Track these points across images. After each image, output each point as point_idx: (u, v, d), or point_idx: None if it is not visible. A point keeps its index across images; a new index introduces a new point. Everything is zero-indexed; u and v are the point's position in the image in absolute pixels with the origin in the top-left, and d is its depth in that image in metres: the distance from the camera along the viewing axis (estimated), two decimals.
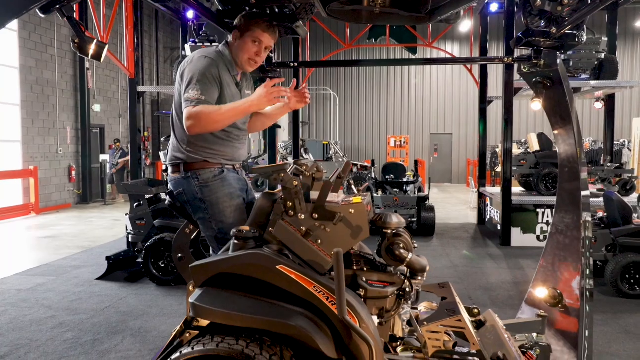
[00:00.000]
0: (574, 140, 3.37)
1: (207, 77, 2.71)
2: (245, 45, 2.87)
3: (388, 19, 3.30)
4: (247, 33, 2.86)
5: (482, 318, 2.84)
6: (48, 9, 2.03)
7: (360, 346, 2.14)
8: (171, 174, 2.92)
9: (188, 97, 2.65)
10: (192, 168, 2.82)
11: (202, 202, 2.80)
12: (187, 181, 2.83)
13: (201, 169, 2.81)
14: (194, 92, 2.65)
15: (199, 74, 2.70)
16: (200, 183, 2.80)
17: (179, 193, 2.89)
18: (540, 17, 2.87)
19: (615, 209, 6.04)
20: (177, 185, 2.89)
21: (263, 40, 2.87)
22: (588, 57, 9.43)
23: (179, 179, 2.87)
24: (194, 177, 2.81)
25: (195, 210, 2.86)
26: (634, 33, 21.93)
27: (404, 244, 2.47)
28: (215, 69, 2.76)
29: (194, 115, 2.62)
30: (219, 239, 2.79)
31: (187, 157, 2.83)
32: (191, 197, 2.84)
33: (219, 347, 2.06)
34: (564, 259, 3.55)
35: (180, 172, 2.85)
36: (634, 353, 4.25)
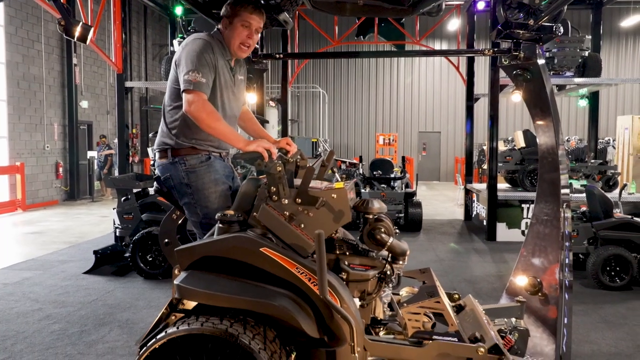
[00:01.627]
0: (554, 131, 3.45)
1: (205, 59, 2.75)
2: (236, 30, 2.90)
3: (371, 12, 3.36)
4: (235, 18, 2.89)
5: (462, 302, 2.91)
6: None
7: (341, 325, 2.20)
8: (158, 160, 2.96)
9: (188, 79, 2.68)
10: (179, 154, 2.86)
11: (188, 187, 2.85)
12: (174, 166, 2.87)
13: (188, 155, 2.85)
14: (193, 74, 2.68)
15: (196, 56, 2.73)
16: (187, 168, 2.84)
17: (165, 178, 2.92)
18: (518, 9, 2.94)
19: (597, 203, 6.16)
20: (164, 170, 2.93)
21: (252, 23, 2.91)
22: (572, 55, 9.57)
23: (166, 164, 2.91)
24: (181, 162, 2.85)
25: (181, 196, 2.90)
26: (619, 32, 22.21)
27: (385, 229, 2.54)
28: (211, 52, 2.80)
29: (194, 102, 2.67)
30: (204, 224, 2.83)
31: (175, 143, 2.87)
32: (177, 182, 2.87)
33: (203, 326, 2.11)
34: (544, 249, 3.63)
35: (168, 158, 2.89)
36: (612, 342, 4.35)
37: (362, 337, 2.26)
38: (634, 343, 4.31)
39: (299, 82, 23.35)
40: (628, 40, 22.57)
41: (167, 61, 10.04)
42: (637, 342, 4.34)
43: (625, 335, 4.48)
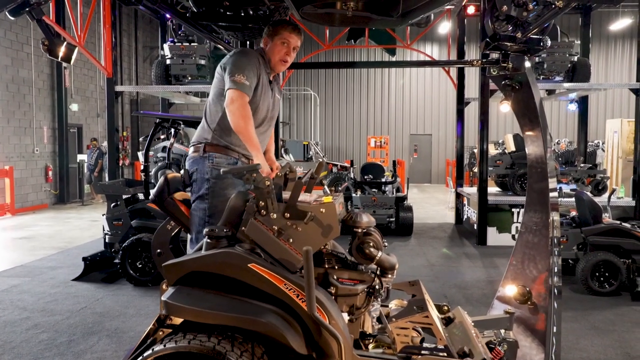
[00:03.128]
0: (542, 141, 3.46)
1: (251, 66, 3.02)
2: (276, 48, 3.17)
3: (360, 22, 3.36)
4: (275, 37, 3.17)
5: (451, 315, 2.91)
6: (17, 12, 2.05)
7: (329, 342, 2.19)
8: (191, 154, 3.15)
9: (233, 80, 2.92)
10: (211, 150, 3.07)
11: (207, 182, 3.01)
12: (202, 160, 3.06)
13: (218, 153, 3.06)
14: (239, 76, 2.93)
15: (244, 62, 3.01)
16: (213, 165, 3.02)
17: (192, 172, 3.09)
18: (507, 22, 2.96)
19: (586, 209, 6.19)
20: (193, 164, 3.11)
21: (291, 41, 3.18)
22: (561, 60, 9.63)
23: (196, 158, 3.10)
24: (210, 158, 3.04)
25: (198, 188, 3.05)
26: (608, 36, 22.39)
27: (374, 243, 2.54)
28: (258, 63, 3.08)
29: (237, 99, 2.89)
30: (206, 224, 2.95)
31: (212, 138, 3.08)
32: (200, 175, 3.04)
33: (190, 344, 2.09)
34: (533, 257, 3.64)
35: (199, 152, 3.08)
36: (601, 349, 4.38)
37: (350, 353, 2.25)
38: (622, 350, 4.34)
39: (290, 85, 23.34)
40: (617, 44, 22.75)
41: (158, 65, 10.00)
42: (626, 349, 4.37)
43: (614, 342, 4.51)
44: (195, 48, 9.61)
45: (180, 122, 7.35)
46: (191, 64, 9.64)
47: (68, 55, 2.53)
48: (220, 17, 3.22)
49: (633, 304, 5.56)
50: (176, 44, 9.78)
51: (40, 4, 2.04)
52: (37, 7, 2.04)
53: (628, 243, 5.89)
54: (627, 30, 21.56)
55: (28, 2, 1.92)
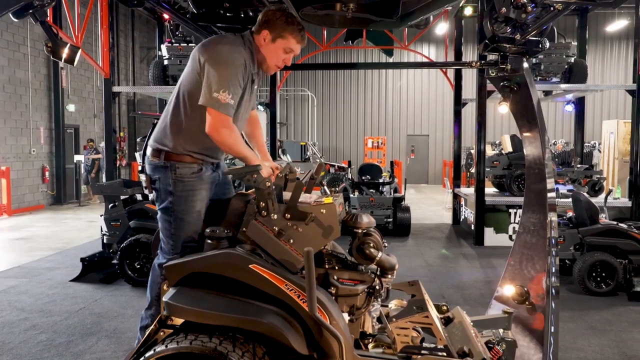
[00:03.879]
0: (541, 142, 3.49)
1: (239, 79, 2.65)
2: (276, 52, 2.79)
3: (360, 24, 3.38)
4: (280, 40, 2.76)
5: (450, 315, 2.92)
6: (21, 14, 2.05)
7: (330, 342, 2.21)
8: (151, 157, 2.85)
9: (217, 97, 2.55)
10: (172, 159, 2.77)
11: (171, 195, 2.77)
12: (164, 170, 2.79)
13: (181, 163, 2.77)
14: (224, 94, 2.56)
15: (232, 74, 2.61)
16: (176, 176, 2.76)
17: (154, 179, 2.84)
18: (505, 23, 2.97)
19: (583, 209, 6.22)
20: (154, 171, 2.84)
21: (295, 51, 2.83)
22: (558, 61, 9.67)
23: (157, 165, 2.81)
24: (172, 169, 2.77)
25: (161, 200, 2.82)
26: (604, 37, 22.47)
27: (374, 243, 2.55)
28: (244, 68, 2.68)
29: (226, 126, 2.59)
30: (172, 235, 2.78)
31: (172, 147, 2.76)
32: (163, 187, 2.80)
33: (192, 344, 2.10)
34: (531, 258, 3.66)
35: (160, 160, 2.78)
36: (598, 348, 4.40)
37: (351, 353, 2.26)
38: (619, 350, 4.37)
39: (288, 86, 23.36)
40: (613, 45, 22.84)
41: (155, 65, 9.99)
42: (622, 349, 4.39)
43: (611, 342, 4.53)
44: (192, 48, 9.59)
45: None
46: None
47: (71, 57, 2.52)
48: (220, 18, 3.23)
49: (630, 304, 5.59)
50: (174, 45, 9.78)
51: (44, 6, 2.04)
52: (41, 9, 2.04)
53: (625, 243, 5.92)
54: (624, 31, 21.65)
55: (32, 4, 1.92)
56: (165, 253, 2.86)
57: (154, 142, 2.85)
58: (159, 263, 2.86)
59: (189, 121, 2.74)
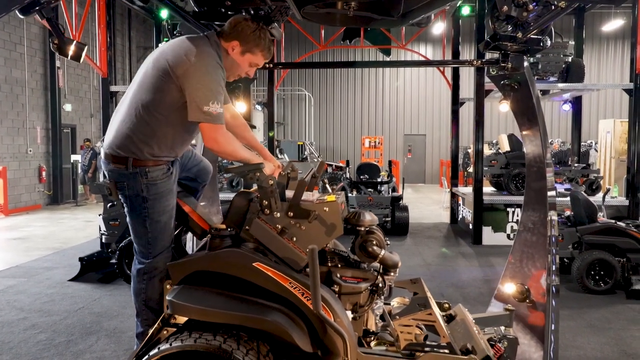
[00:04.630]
0: (541, 140, 3.50)
1: (222, 86, 2.61)
2: (242, 65, 2.76)
3: (361, 22, 3.37)
4: (248, 54, 2.73)
5: (453, 312, 2.93)
6: (27, 11, 2.04)
7: (334, 340, 2.21)
8: (112, 164, 2.64)
9: (209, 111, 2.48)
10: (141, 165, 2.61)
11: (145, 201, 2.64)
12: (133, 176, 2.62)
13: (151, 167, 2.63)
14: (214, 105, 2.49)
15: (217, 82, 2.55)
16: (148, 181, 2.62)
17: (120, 186, 2.66)
18: (507, 22, 2.98)
19: (581, 208, 6.24)
20: (119, 177, 2.65)
21: (260, 65, 2.82)
22: (556, 60, 9.70)
23: (123, 172, 2.63)
24: (143, 174, 2.61)
25: (133, 207, 2.68)
26: (601, 37, 22.55)
27: (377, 241, 2.55)
28: (223, 77, 2.64)
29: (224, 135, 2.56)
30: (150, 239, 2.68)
31: (141, 155, 2.60)
32: (134, 193, 2.64)
33: (196, 342, 2.10)
34: (531, 256, 3.67)
35: (128, 167, 2.61)
36: (597, 346, 4.42)
37: (355, 350, 2.27)
38: (618, 348, 4.38)
39: (285, 85, 23.34)
40: (609, 45, 22.92)
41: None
42: (622, 346, 4.41)
43: (610, 340, 4.55)
44: None
45: None
46: None
47: (77, 54, 2.51)
48: (222, 16, 3.22)
49: (628, 302, 5.62)
50: None
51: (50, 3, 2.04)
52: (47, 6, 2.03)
53: (623, 242, 5.94)
54: (619, 31, 21.74)
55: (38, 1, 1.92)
56: (143, 257, 2.74)
57: (113, 149, 2.63)
58: (138, 269, 2.76)
59: (162, 129, 2.60)
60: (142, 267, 2.73)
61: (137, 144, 2.59)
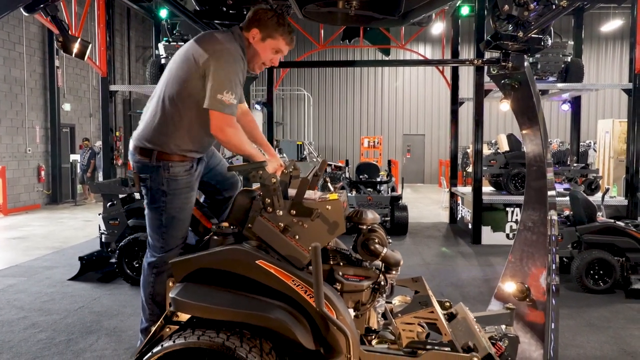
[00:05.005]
0: (541, 140, 3.51)
1: (240, 78, 2.67)
2: (265, 52, 2.79)
3: (362, 21, 3.38)
4: (269, 40, 2.77)
5: (454, 311, 2.94)
6: (32, 8, 2.05)
7: (337, 337, 2.21)
8: (138, 156, 2.76)
9: (221, 99, 2.54)
10: (165, 158, 2.71)
11: (165, 195, 2.72)
12: (156, 169, 2.72)
13: (174, 162, 2.72)
14: (228, 95, 2.55)
15: (234, 73, 2.62)
16: (169, 175, 2.71)
17: (144, 178, 2.76)
18: (508, 21, 2.99)
19: (581, 208, 6.25)
20: (144, 169, 2.76)
21: (283, 51, 2.84)
22: (555, 60, 9.72)
23: (147, 164, 2.73)
24: (165, 168, 2.71)
25: (152, 200, 2.76)
26: (600, 37, 22.59)
27: (379, 239, 2.56)
28: (243, 65, 2.71)
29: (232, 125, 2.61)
30: (164, 233, 2.76)
31: (166, 147, 2.70)
32: (155, 186, 2.73)
33: (200, 339, 2.10)
34: (531, 255, 3.68)
35: (152, 160, 2.71)
36: (597, 345, 4.43)
37: (357, 348, 2.27)
38: (618, 347, 4.40)
39: (284, 85, 23.34)
40: (608, 45, 22.97)
41: (153, 64, 9.97)
42: (621, 345, 4.42)
43: (610, 339, 4.56)
44: None
45: None
46: None
47: (82, 51, 2.52)
48: (223, 15, 3.23)
49: (627, 301, 5.63)
50: (171, 44, 9.76)
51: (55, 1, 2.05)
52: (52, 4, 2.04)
53: (622, 241, 5.95)
54: (618, 31, 21.78)
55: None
56: (155, 251, 2.81)
57: (141, 141, 2.75)
58: (149, 262, 2.82)
59: (188, 120, 2.68)
60: (153, 261, 2.81)
61: (162, 136, 2.70)
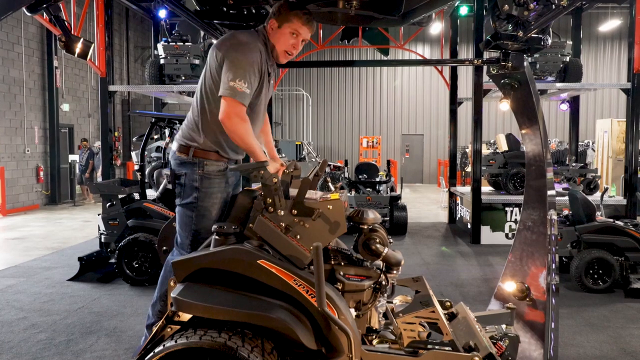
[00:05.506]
0: (540, 139, 3.51)
1: (255, 68, 2.72)
2: (283, 37, 2.84)
3: (362, 21, 3.39)
4: (285, 24, 2.82)
5: (454, 310, 2.95)
6: (35, 8, 2.06)
7: (339, 337, 2.22)
8: (177, 153, 2.91)
9: (232, 86, 2.63)
10: (201, 156, 2.85)
11: (197, 191, 2.84)
12: (191, 166, 2.85)
13: (208, 160, 2.85)
14: (240, 82, 2.64)
15: (248, 64, 2.68)
16: (203, 173, 2.84)
17: (179, 174, 2.90)
18: (507, 21, 3.00)
19: (580, 207, 6.26)
20: (180, 167, 2.89)
21: (301, 33, 2.86)
22: (554, 60, 9.73)
23: (184, 161, 2.88)
24: (200, 165, 2.84)
25: (185, 196, 2.88)
26: (598, 37, 22.62)
27: (380, 239, 2.56)
28: (261, 61, 2.76)
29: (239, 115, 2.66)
30: (193, 230, 2.87)
31: (202, 143, 2.84)
32: (189, 182, 2.86)
33: (202, 339, 2.11)
34: (531, 254, 3.69)
35: (188, 156, 2.85)
36: (596, 344, 4.44)
37: (359, 347, 2.28)
38: (617, 346, 4.40)
39: (283, 85, 23.34)
40: (606, 45, 23.00)
41: (152, 65, 9.96)
42: (621, 344, 4.43)
43: (609, 338, 4.57)
44: (189, 48, 9.59)
45: (177, 122, 7.34)
46: (185, 64, 9.62)
47: (85, 51, 2.54)
48: (224, 15, 3.23)
49: (626, 301, 5.64)
50: (170, 44, 9.75)
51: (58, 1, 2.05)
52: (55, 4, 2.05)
53: (621, 241, 5.96)
54: (616, 31, 21.83)
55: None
56: (182, 249, 2.92)
57: (181, 138, 2.91)
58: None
59: (217, 117, 2.76)
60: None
61: (196, 134, 2.85)
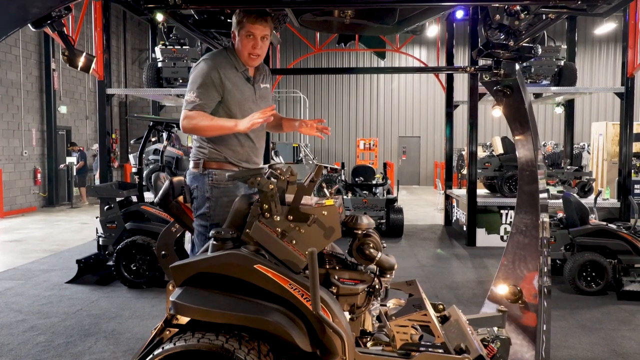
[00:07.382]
0: (532, 145, 3.58)
1: (206, 81, 2.90)
2: (242, 42, 2.98)
3: (357, 29, 3.45)
4: (240, 30, 2.98)
5: (447, 313, 3.01)
6: (40, 24, 2.12)
7: (333, 340, 2.28)
8: (191, 169, 3.08)
9: (186, 99, 2.91)
10: (209, 166, 3.00)
11: (208, 201, 2.97)
12: (202, 178, 2.99)
13: (217, 169, 2.98)
14: (190, 94, 2.90)
15: (199, 77, 2.91)
16: (212, 183, 2.97)
17: (193, 188, 3.04)
18: (499, 30, 3.06)
19: (573, 210, 6.33)
20: (193, 180, 3.05)
21: (255, 32, 2.96)
22: (548, 64, 9.81)
23: (196, 175, 3.03)
24: (209, 175, 2.98)
25: (199, 206, 3.00)
26: (593, 40, 22.77)
27: (374, 244, 2.62)
28: (216, 73, 2.92)
29: (186, 117, 2.90)
30: (205, 238, 2.95)
31: (208, 154, 3.00)
32: (201, 194, 2.99)
33: (200, 342, 2.16)
34: (524, 258, 3.75)
35: (199, 169, 3.01)
36: (588, 346, 4.51)
37: (353, 350, 2.34)
38: (609, 348, 4.47)
39: (280, 87, 23.42)
40: (601, 48, 23.15)
41: (149, 68, 10.01)
42: (612, 346, 4.50)
43: (601, 340, 4.64)
44: (187, 51, 9.65)
45: (174, 125, 7.39)
46: (183, 67, 9.67)
47: (87, 65, 2.60)
48: (222, 24, 3.29)
49: (619, 303, 5.71)
50: (168, 47, 9.81)
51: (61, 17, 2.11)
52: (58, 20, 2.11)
53: (614, 244, 6.03)
54: (611, 34, 21.97)
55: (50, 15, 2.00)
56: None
57: (193, 155, 3.10)
58: None
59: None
60: None
61: (202, 145, 3.04)
